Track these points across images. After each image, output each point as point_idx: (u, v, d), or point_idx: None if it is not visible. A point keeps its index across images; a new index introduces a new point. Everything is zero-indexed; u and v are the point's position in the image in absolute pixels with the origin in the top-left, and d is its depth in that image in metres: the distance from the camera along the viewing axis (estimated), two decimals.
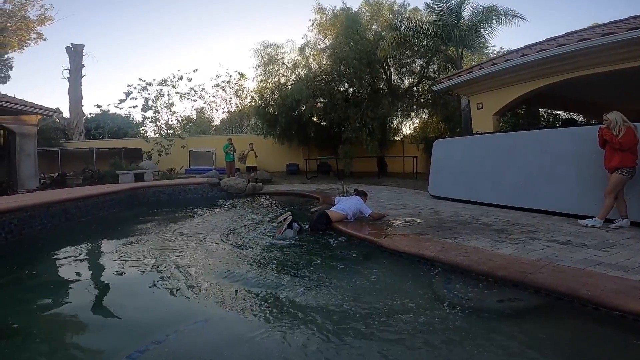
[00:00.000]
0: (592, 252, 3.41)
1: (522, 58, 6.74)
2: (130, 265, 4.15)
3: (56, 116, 11.87)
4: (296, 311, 2.75)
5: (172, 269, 3.86)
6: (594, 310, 2.34)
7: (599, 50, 5.91)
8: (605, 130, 4.46)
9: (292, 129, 15.04)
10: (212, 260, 4.15)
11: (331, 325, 2.51)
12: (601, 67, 6.16)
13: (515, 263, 3.14)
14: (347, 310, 2.71)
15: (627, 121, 4.34)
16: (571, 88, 7.77)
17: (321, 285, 3.25)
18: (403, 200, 7.78)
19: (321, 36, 15.10)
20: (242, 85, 21.87)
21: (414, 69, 14.96)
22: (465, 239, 4.16)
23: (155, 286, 3.41)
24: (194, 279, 3.58)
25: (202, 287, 3.35)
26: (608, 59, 6.02)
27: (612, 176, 4.38)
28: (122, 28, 47.32)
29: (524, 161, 6.00)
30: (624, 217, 4.43)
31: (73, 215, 7.37)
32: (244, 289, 3.24)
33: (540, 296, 2.68)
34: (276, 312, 2.76)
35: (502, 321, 2.49)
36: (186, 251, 4.59)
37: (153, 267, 4.03)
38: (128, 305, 3.13)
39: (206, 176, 12.54)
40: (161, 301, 3.16)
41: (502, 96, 7.69)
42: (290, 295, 3.07)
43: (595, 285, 2.50)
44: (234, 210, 8.17)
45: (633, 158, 4.29)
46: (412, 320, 2.52)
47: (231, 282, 3.42)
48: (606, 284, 2.49)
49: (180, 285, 3.40)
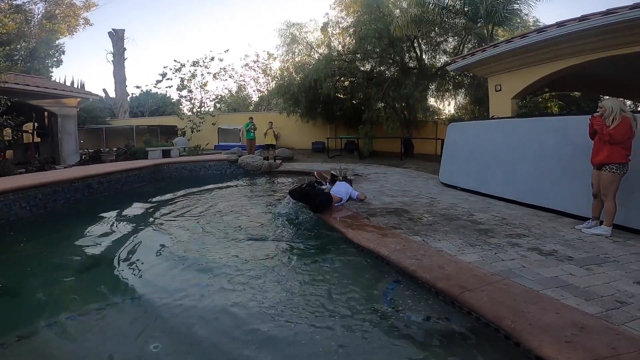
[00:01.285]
0: (570, 268, 2.85)
1: (539, 35, 5.72)
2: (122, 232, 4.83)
3: (92, 98, 12.75)
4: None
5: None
6: (514, 347, 1.93)
7: (630, 27, 4.80)
8: (597, 119, 3.70)
9: (316, 108, 14.74)
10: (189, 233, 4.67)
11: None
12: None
13: (464, 275, 2.73)
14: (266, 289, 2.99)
15: (625, 110, 3.56)
16: (606, 67, 6.48)
17: (266, 260, 3.62)
18: (409, 186, 7.27)
19: (344, 14, 14.32)
20: (270, 65, 21.84)
21: (447, 49, 13.64)
22: (437, 238, 3.75)
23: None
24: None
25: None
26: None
27: (602, 175, 3.66)
28: (158, 12, 49.28)
29: (541, 152, 5.17)
30: (595, 220, 3.84)
31: (96, 190, 7.97)
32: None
33: (472, 319, 2.30)
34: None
35: (412, 343, 2.18)
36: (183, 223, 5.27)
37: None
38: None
39: (228, 153, 12.88)
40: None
41: (522, 77, 6.65)
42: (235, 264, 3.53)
43: (530, 315, 2.06)
44: (239, 189, 8.38)
45: (624, 153, 3.55)
46: (321, 316, 2.52)
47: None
48: (543, 316, 2.04)
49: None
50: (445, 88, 14.77)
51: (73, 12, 20.10)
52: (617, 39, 5.20)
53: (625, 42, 5.17)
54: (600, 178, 3.69)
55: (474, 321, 2.27)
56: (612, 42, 5.29)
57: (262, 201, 6.76)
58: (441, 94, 15.35)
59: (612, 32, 5.09)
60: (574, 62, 5.92)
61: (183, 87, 18.16)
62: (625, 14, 4.66)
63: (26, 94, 10.53)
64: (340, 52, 14.09)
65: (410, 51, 13.65)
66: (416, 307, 2.57)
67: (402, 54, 13.31)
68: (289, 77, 14.45)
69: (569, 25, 5.35)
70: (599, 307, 2.18)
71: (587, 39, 5.45)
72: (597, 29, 5.10)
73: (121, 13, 43.93)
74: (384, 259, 3.33)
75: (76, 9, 20.20)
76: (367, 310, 2.59)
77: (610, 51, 5.41)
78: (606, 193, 3.64)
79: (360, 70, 13.41)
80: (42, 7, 19.78)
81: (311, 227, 4.82)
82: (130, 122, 18.87)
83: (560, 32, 5.49)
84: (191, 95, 18.32)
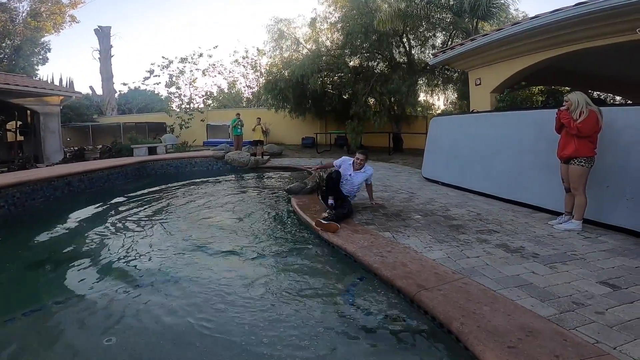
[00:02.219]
0: (534, 266, 2.80)
1: (513, 27, 5.64)
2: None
3: (75, 96, 12.52)
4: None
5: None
6: (464, 351, 1.87)
7: (602, 18, 4.74)
8: (563, 112, 3.67)
9: (305, 104, 14.63)
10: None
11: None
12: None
13: (426, 273, 2.68)
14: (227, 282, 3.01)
15: (591, 104, 3.53)
16: (582, 61, 6.41)
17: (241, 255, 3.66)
18: (392, 181, 7.21)
19: (332, 9, 14.16)
20: (259, 61, 21.63)
21: (436, 44, 13.54)
22: (407, 234, 3.70)
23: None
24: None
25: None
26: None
27: (571, 169, 3.63)
28: (145, 8, 48.67)
29: (518, 146, 5.11)
30: (568, 214, 3.83)
31: (76, 188, 7.88)
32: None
33: (428, 320, 2.24)
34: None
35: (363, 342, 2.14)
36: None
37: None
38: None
39: (215, 149, 12.74)
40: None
41: (500, 71, 6.57)
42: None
43: (481, 317, 2.00)
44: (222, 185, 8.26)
45: (591, 147, 3.54)
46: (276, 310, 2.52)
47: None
48: (493, 318, 1.98)
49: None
50: (435, 83, 14.69)
51: (59, 10, 19.78)
52: (590, 31, 5.11)
53: (598, 34, 5.09)
54: (569, 172, 3.65)
55: (429, 322, 2.22)
56: (585, 34, 5.20)
57: (241, 197, 6.69)
58: (431, 89, 15.28)
59: (585, 23, 5.00)
60: (550, 55, 5.84)
61: (171, 84, 17.93)
62: (595, 4, 4.56)
63: (8, 92, 10.33)
64: (328, 47, 13.97)
65: (399, 46, 13.53)
66: (376, 306, 2.52)
67: (390, 49, 13.20)
68: (277, 72, 14.29)
69: (541, 17, 5.26)
70: (554, 309, 2.12)
71: (560, 31, 5.36)
72: (569, 20, 5.00)
73: (108, 10, 43.44)
74: (351, 256, 3.28)
75: (62, 6, 19.89)
76: (328, 307, 2.56)
77: (584, 43, 5.33)
78: (576, 187, 3.61)
79: (348, 65, 13.28)
80: (27, 5, 19.49)
81: (284, 224, 4.78)
82: (118, 119, 18.63)
83: (534, 25, 5.41)
84: (180, 92, 18.10)
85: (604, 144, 3.67)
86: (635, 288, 2.38)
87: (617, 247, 3.20)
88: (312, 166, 7.32)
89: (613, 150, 3.73)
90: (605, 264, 2.82)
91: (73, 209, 6.12)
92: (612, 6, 4.47)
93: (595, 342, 1.78)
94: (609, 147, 3.72)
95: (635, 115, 3.71)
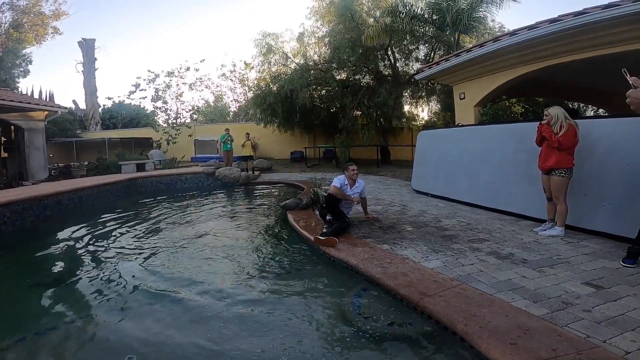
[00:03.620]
0: (524, 271, 3.01)
1: (495, 44, 6.03)
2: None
3: (61, 111, 12.32)
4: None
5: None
6: (470, 350, 2.04)
7: (574, 34, 5.16)
8: (545, 126, 3.96)
9: (294, 118, 14.85)
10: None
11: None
12: (581, 53, 5.40)
13: (426, 281, 2.84)
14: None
15: (568, 118, 3.84)
16: (559, 74, 6.89)
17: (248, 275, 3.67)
18: (384, 194, 7.43)
19: (319, 24, 14.64)
20: (247, 75, 21.87)
21: (419, 56, 14.13)
22: (404, 245, 3.87)
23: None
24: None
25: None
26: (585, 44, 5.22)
27: (552, 180, 3.92)
28: (131, 21, 48.45)
29: (500, 158, 5.45)
30: (551, 221, 4.10)
31: (66, 206, 7.76)
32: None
33: (432, 324, 2.40)
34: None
35: (375, 347, 2.27)
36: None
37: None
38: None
39: (205, 165, 12.74)
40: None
41: (483, 85, 6.98)
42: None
43: (481, 318, 2.18)
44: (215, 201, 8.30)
45: (570, 159, 3.84)
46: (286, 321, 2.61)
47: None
48: (493, 319, 2.16)
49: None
50: (419, 95, 15.22)
51: (41, 21, 19.50)
52: (565, 47, 5.50)
53: (572, 49, 5.49)
54: (551, 182, 3.94)
55: (433, 325, 2.37)
56: (560, 49, 5.59)
57: (236, 213, 6.76)
58: (415, 101, 15.82)
59: (559, 39, 5.38)
60: (529, 70, 6.23)
61: (158, 98, 17.91)
62: (568, 21, 4.94)
63: None
64: (316, 61, 14.33)
65: (384, 59, 14.01)
66: (382, 313, 2.66)
67: (376, 63, 13.64)
68: (265, 87, 14.52)
69: (520, 34, 5.66)
70: (546, 309, 2.33)
71: (538, 47, 5.74)
72: (544, 37, 5.38)
73: (92, 22, 43.00)
74: (353, 268, 3.42)
75: (45, 17, 19.61)
76: (337, 318, 2.68)
77: (560, 58, 5.71)
78: (558, 196, 3.89)
79: (336, 79, 13.64)
80: (9, 16, 19.16)
81: (283, 240, 4.88)
82: (103, 134, 18.38)
83: (513, 41, 5.80)
84: (166, 106, 18.07)
85: (581, 155, 3.98)
86: (617, 287, 2.61)
87: (598, 250, 3.47)
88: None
89: (589, 161, 4.05)
90: (588, 266, 3.06)
91: (63, 228, 6.04)
92: (583, 23, 4.84)
93: (586, 337, 1.98)
94: (585, 157, 4.04)
95: (609, 126, 4.08)
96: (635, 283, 2.67)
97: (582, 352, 1.82)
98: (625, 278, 2.78)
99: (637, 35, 4.81)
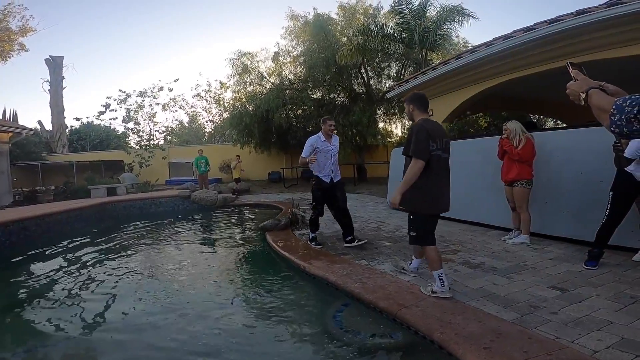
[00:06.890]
0: (494, 278, 3.16)
1: (457, 61, 6.44)
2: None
3: (26, 133, 11.81)
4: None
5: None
6: (448, 356, 2.10)
7: (525, 50, 5.56)
8: (504, 140, 4.26)
9: (270, 138, 14.91)
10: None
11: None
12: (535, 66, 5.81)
13: (403, 293, 2.92)
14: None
15: (525, 131, 4.16)
16: (518, 88, 7.37)
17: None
18: (361, 212, 7.55)
19: (294, 44, 14.99)
20: (222, 95, 21.89)
21: (391, 74, 14.74)
22: (381, 260, 3.96)
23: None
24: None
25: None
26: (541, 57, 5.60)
27: (515, 191, 4.19)
28: (101, 38, 47.65)
29: (469, 171, 5.72)
30: (517, 230, 4.33)
31: (33, 233, 7.36)
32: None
33: (411, 333, 2.45)
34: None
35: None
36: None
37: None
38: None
39: (180, 188, 12.47)
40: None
41: (449, 102, 7.39)
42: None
43: (456, 325, 2.27)
44: (191, 224, 8.09)
45: (530, 170, 4.13)
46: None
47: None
48: (467, 325, 2.26)
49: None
50: (392, 112, 15.73)
51: (7, 37, 18.64)
52: (519, 62, 5.90)
53: (525, 64, 5.88)
54: (514, 193, 4.18)
55: (412, 335, 2.43)
56: (514, 64, 5.97)
57: (214, 237, 6.64)
58: (389, 118, 16.31)
59: (514, 55, 5.76)
60: (490, 85, 6.62)
61: (129, 119, 17.52)
62: (520, 37, 5.34)
63: None
64: (292, 81, 14.57)
65: (357, 77, 14.45)
66: (363, 326, 2.69)
67: (350, 81, 14.05)
68: (241, 107, 14.57)
69: (478, 51, 6.08)
70: (516, 313, 2.44)
71: (494, 62, 6.14)
72: (500, 53, 5.79)
73: (60, 39, 41.75)
74: (333, 285, 3.45)
75: (11, 33, 18.74)
76: (320, 334, 2.68)
77: (514, 73, 6.10)
78: (521, 205, 4.13)
79: (311, 98, 13.91)
80: None
81: (262, 260, 4.85)
82: (70, 157, 17.67)
83: (473, 58, 6.20)
84: (138, 127, 17.70)
85: (539, 166, 4.27)
86: (580, 289, 2.78)
87: (561, 255, 3.69)
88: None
89: (547, 171, 4.36)
90: (553, 270, 3.25)
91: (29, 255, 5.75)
92: (534, 38, 5.19)
93: (555, 338, 2.09)
94: (543, 168, 4.34)
95: (562, 137, 4.42)
96: (598, 284, 2.86)
97: (552, 352, 1.93)
98: (588, 280, 2.97)
99: (553, 56, 5.29)
